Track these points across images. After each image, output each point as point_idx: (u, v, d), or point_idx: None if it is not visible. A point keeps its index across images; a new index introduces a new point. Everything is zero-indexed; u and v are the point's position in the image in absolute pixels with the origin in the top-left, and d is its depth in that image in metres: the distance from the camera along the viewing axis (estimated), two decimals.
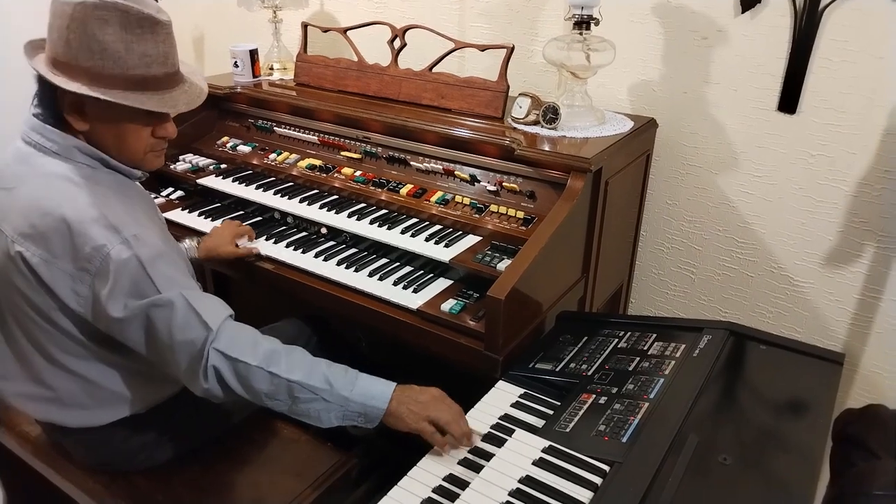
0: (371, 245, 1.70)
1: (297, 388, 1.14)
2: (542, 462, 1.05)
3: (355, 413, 1.17)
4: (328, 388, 1.15)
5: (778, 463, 1.03)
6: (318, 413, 1.17)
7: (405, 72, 1.92)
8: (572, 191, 1.50)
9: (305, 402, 1.16)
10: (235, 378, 1.14)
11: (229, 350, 1.13)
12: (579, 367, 1.31)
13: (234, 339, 1.15)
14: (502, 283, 1.34)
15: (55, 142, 1.20)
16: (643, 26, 1.83)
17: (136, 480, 1.39)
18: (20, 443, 1.52)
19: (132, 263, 1.12)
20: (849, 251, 1.72)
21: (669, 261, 2.04)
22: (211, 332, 1.13)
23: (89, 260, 1.13)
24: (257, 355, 1.14)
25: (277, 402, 1.17)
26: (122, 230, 1.13)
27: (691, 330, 1.35)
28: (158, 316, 1.13)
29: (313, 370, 1.16)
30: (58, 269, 1.14)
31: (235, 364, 1.14)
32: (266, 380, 1.14)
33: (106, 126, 1.21)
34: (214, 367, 1.13)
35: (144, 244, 1.14)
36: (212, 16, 2.83)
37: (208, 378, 1.14)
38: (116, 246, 1.12)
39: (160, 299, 1.13)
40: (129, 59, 1.15)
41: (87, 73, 1.14)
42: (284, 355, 1.17)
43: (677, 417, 1.09)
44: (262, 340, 1.18)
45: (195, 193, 2.03)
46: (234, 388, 1.15)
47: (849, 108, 1.61)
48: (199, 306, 1.14)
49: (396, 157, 1.85)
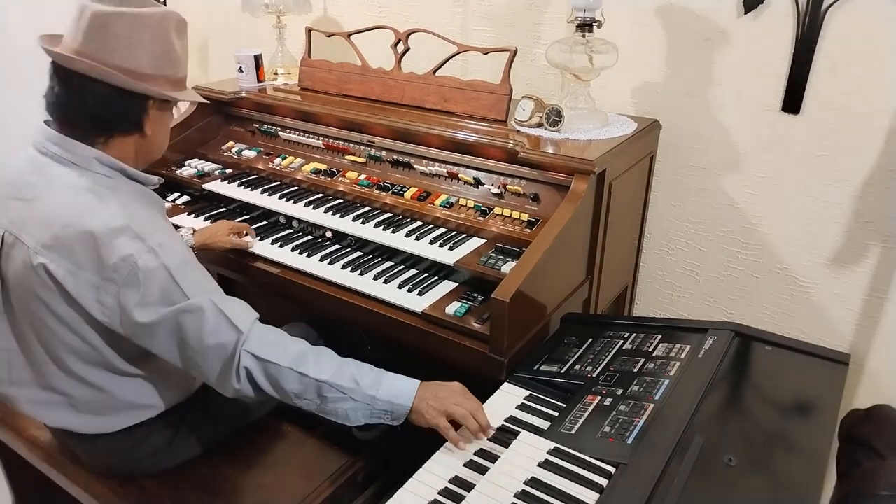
0: (376, 248, 1.71)
1: (325, 387, 1.17)
2: (548, 464, 1.05)
3: (382, 411, 1.20)
4: (356, 387, 1.18)
5: (784, 464, 1.03)
6: (346, 412, 1.19)
7: (408, 76, 1.93)
8: (576, 193, 1.51)
9: (334, 402, 1.18)
10: (266, 379, 1.18)
11: (260, 352, 1.16)
12: (584, 368, 1.31)
13: (264, 341, 1.18)
14: (507, 286, 1.35)
15: (74, 153, 1.20)
16: (646, 28, 1.83)
17: (145, 484, 1.40)
18: (29, 447, 1.53)
19: (160, 272, 1.14)
20: (854, 252, 1.72)
21: (674, 262, 2.04)
22: (241, 335, 1.16)
23: (116, 270, 1.13)
24: (287, 356, 1.17)
25: (307, 401, 1.20)
26: (148, 239, 1.14)
27: (696, 331, 1.35)
28: (188, 321, 1.15)
29: (341, 370, 1.19)
30: (83, 280, 1.15)
31: (266, 365, 1.17)
32: (296, 380, 1.17)
33: (161, 126, 1.30)
34: (246, 369, 1.16)
35: (170, 252, 1.16)
36: (216, 21, 2.85)
37: (240, 379, 1.17)
38: (144, 255, 1.13)
39: (190, 305, 1.14)
40: (184, 62, 1.29)
41: (168, 80, 1.25)
42: (313, 356, 1.20)
43: (682, 419, 1.09)
44: (290, 342, 1.21)
45: (201, 198, 2.04)
46: (265, 388, 1.18)
47: (853, 108, 1.61)
48: (227, 310, 1.17)
49: (400, 160, 1.85)
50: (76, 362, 1.25)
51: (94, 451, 1.39)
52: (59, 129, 1.21)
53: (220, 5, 2.77)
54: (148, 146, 1.29)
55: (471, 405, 1.18)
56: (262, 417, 1.54)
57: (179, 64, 1.28)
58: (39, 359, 1.28)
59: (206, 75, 2.99)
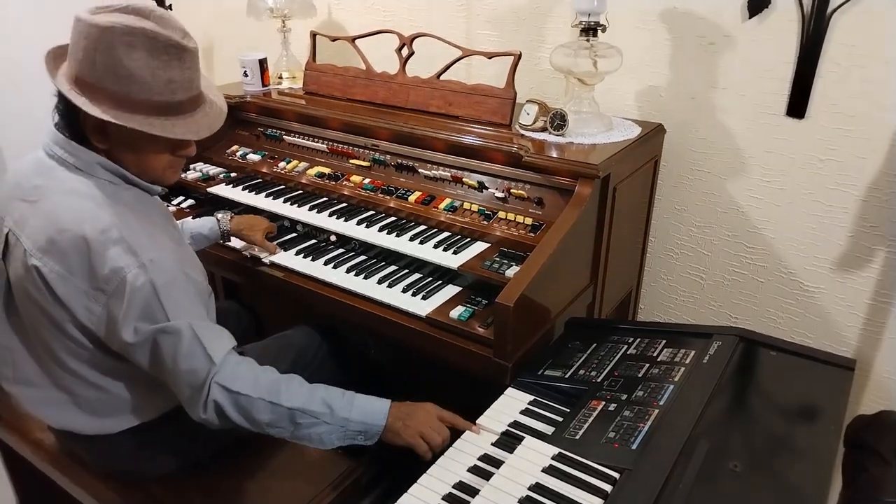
0: (380, 252, 1.71)
1: (298, 414, 1.18)
2: (552, 469, 1.05)
3: (355, 432, 1.21)
4: (328, 411, 1.19)
5: (790, 470, 1.02)
6: (321, 436, 1.20)
7: (413, 80, 1.93)
8: (580, 197, 1.51)
9: (307, 427, 1.19)
10: (236, 410, 1.17)
11: (231, 384, 1.16)
12: (588, 373, 1.31)
13: (236, 373, 1.17)
14: (511, 290, 1.34)
15: (78, 157, 1.21)
16: (650, 32, 1.83)
17: (149, 487, 1.40)
18: (33, 450, 1.54)
19: (146, 289, 1.14)
20: (859, 256, 1.72)
21: (678, 266, 2.04)
22: (214, 366, 1.15)
23: (106, 281, 1.14)
24: (258, 387, 1.17)
25: (279, 429, 1.20)
26: (141, 254, 1.14)
27: (701, 336, 1.35)
28: (165, 342, 1.15)
29: (312, 396, 1.20)
30: (73, 285, 1.16)
31: (237, 397, 1.16)
32: (268, 410, 1.17)
33: (126, 148, 1.22)
34: (215, 402, 1.16)
35: (159, 269, 1.16)
36: (221, 25, 2.86)
37: (207, 410, 1.17)
38: (133, 270, 1.13)
39: (169, 326, 1.15)
40: (154, 85, 1.15)
41: (111, 96, 1.14)
42: (284, 384, 1.20)
43: (687, 424, 1.08)
44: (261, 373, 1.21)
45: (205, 202, 2.05)
46: (235, 420, 1.18)
47: (858, 112, 1.61)
48: (204, 337, 1.16)
49: (405, 164, 1.86)
50: (74, 361, 1.25)
51: (97, 453, 1.40)
52: (66, 133, 1.22)
53: (225, 9, 2.79)
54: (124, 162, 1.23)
55: (444, 432, 1.22)
56: None
57: (132, 81, 1.13)
58: (42, 358, 1.29)
59: (211, 78, 3.00)
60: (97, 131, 1.19)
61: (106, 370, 1.27)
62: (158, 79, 1.15)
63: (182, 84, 1.19)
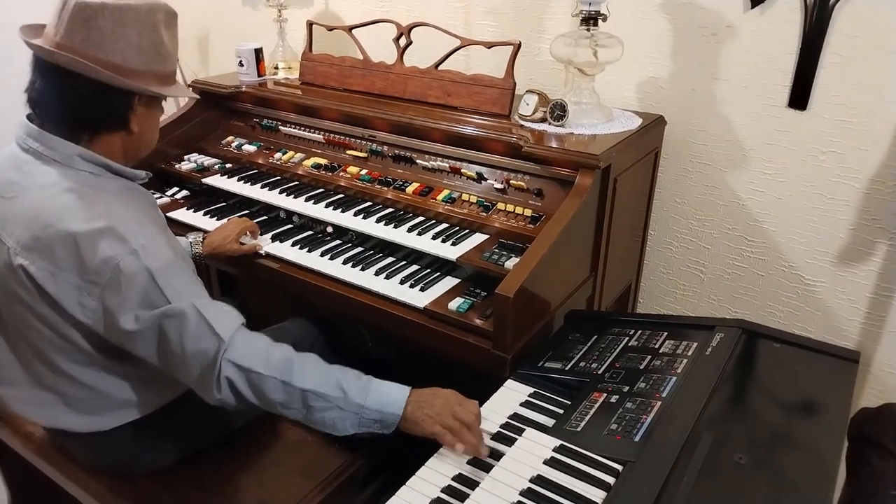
0: (377, 244, 1.68)
1: (311, 396, 1.13)
2: (554, 461, 1.03)
3: (371, 420, 1.15)
4: (342, 395, 1.13)
5: (795, 462, 1.01)
6: (334, 421, 1.15)
7: (411, 70, 1.91)
8: (581, 188, 1.49)
9: (320, 411, 1.14)
10: (249, 388, 1.13)
11: (242, 360, 1.12)
12: (589, 365, 1.29)
13: (247, 349, 1.13)
14: (511, 281, 1.33)
15: (56, 150, 1.17)
16: (651, 22, 1.81)
17: (141, 482, 1.38)
18: (24, 443, 1.51)
19: (142, 275, 1.10)
20: (861, 249, 1.70)
21: (678, 260, 2.02)
22: (223, 343, 1.11)
23: (98, 272, 1.10)
24: (270, 365, 1.13)
25: (292, 410, 1.15)
26: (131, 241, 1.11)
27: (703, 328, 1.33)
28: (170, 326, 1.12)
29: (327, 378, 1.15)
30: (64, 281, 1.12)
31: (249, 374, 1.12)
32: (280, 389, 1.13)
33: (149, 123, 1.26)
34: (228, 378, 1.12)
35: (153, 254, 1.12)
36: (216, 15, 2.83)
37: (221, 389, 1.13)
38: (126, 257, 1.10)
39: (171, 310, 1.11)
40: (174, 56, 1.25)
41: (155, 76, 1.21)
42: (298, 363, 1.15)
43: (691, 416, 1.07)
44: (274, 349, 1.16)
45: (200, 193, 2.02)
46: (248, 398, 1.14)
47: (860, 103, 1.59)
48: (210, 316, 1.12)
49: (402, 155, 1.83)
50: (64, 361, 1.22)
51: (89, 450, 1.37)
52: (42, 124, 1.18)
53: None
54: (136, 143, 1.26)
55: (468, 417, 1.12)
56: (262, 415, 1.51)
57: (168, 59, 1.24)
58: (28, 359, 1.26)
59: (207, 69, 2.97)
60: (134, 116, 1.21)
61: (100, 369, 1.24)
62: (175, 50, 1.26)
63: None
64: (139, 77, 1.18)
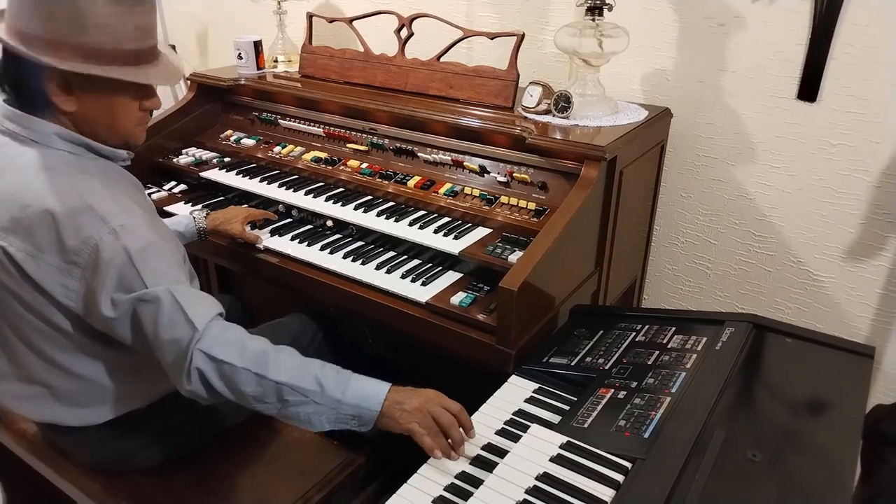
0: (378, 238, 1.65)
1: (286, 390, 1.07)
2: (560, 458, 0.99)
3: (348, 416, 1.10)
4: (318, 389, 1.08)
5: (810, 458, 0.98)
6: (309, 416, 1.10)
7: (412, 62, 1.88)
8: (587, 179, 1.46)
9: (295, 406, 1.09)
10: (221, 380, 1.08)
11: (214, 351, 1.07)
12: (596, 361, 1.26)
13: (220, 340, 1.08)
14: (515, 274, 1.29)
15: (32, 129, 1.13)
16: (657, 13, 1.78)
17: (137, 480, 1.34)
18: (18, 440, 1.48)
19: (120, 255, 1.07)
20: (871, 244, 1.67)
21: (684, 255, 1.99)
22: (196, 332, 1.06)
23: (77, 252, 1.07)
24: (244, 357, 1.08)
25: (266, 404, 1.10)
26: (110, 220, 1.07)
27: (712, 323, 1.30)
28: (144, 311, 1.08)
29: (303, 371, 1.10)
30: (45, 263, 1.09)
31: (220, 365, 1.07)
32: (253, 382, 1.07)
33: (97, 105, 1.15)
34: (198, 370, 1.07)
35: (132, 234, 1.08)
36: (216, 7, 2.79)
37: (191, 380, 1.08)
38: (105, 237, 1.06)
39: (147, 294, 1.07)
40: (124, 32, 1.10)
41: (78, 49, 1.07)
42: (273, 356, 1.10)
43: (702, 412, 1.03)
44: (249, 341, 1.11)
45: (198, 187, 1.99)
46: (220, 391, 1.09)
47: (871, 95, 1.56)
48: (186, 303, 1.08)
49: (404, 148, 1.80)
50: (52, 349, 1.19)
51: (82, 446, 1.33)
52: (16, 104, 1.14)
53: None
54: (88, 125, 1.16)
55: (445, 418, 1.07)
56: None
57: (101, 31, 1.07)
58: (16, 349, 1.22)
59: (206, 62, 2.94)
60: (63, 93, 1.11)
61: (89, 356, 1.21)
62: (126, 25, 1.10)
63: (146, 30, 1.14)
64: (51, 48, 1.06)
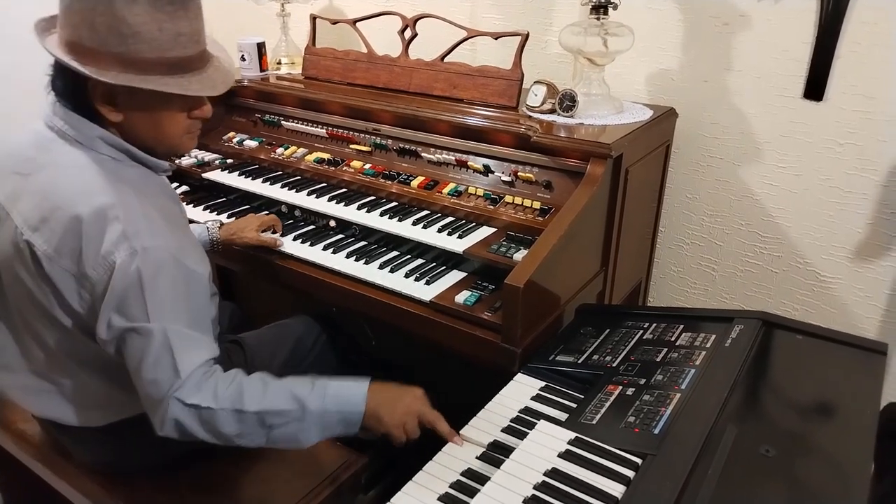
0: (381, 237, 1.64)
1: (267, 416, 1.07)
2: (569, 454, 0.97)
3: (334, 423, 1.10)
4: (298, 407, 1.07)
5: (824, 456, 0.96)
6: (296, 434, 1.09)
7: (416, 62, 1.87)
8: (592, 177, 1.44)
9: (280, 427, 1.08)
10: (201, 426, 1.06)
11: (191, 398, 1.05)
12: (603, 358, 1.24)
13: (199, 386, 1.06)
14: (520, 272, 1.28)
15: (79, 130, 1.11)
16: (661, 12, 1.77)
17: (135, 480, 1.32)
18: (16, 441, 1.46)
19: (132, 278, 1.04)
20: (879, 244, 1.65)
21: (689, 257, 1.97)
22: (178, 380, 1.04)
23: (94, 267, 1.05)
24: (219, 398, 1.06)
25: (251, 437, 1.09)
26: (133, 239, 1.04)
27: (721, 320, 1.28)
28: (133, 343, 1.05)
29: (279, 393, 1.09)
30: (60, 267, 1.07)
31: (199, 412, 1.05)
32: (233, 420, 1.06)
33: (141, 114, 1.12)
34: (175, 420, 1.05)
35: (151, 258, 1.05)
36: (219, 9, 2.77)
37: (164, 427, 1.06)
38: (124, 257, 1.03)
39: (141, 328, 1.04)
40: (163, 40, 1.06)
41: (118, 59, 1.04)
42: (246, 387, 1.08)
43: (713, 408, 1.01)
44: (222, 382, 1.08)
45: (200, 188, 1.98)
46: (199, 436, 1.07)
47: (879, 93, 1.55)
48: (176, 347, 1.05)
49: (407, 148, 1.79)
50: (59, 350, 1.17)
51: (83, 445, 1.32)
52: (69, 105, 1.12)
53: None
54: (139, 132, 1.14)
55: (430, 418, 1.11)
56: None
57: (140, 39, 1.04)
58: (26, 344, 1.21)
59: None
60: (107, 101, 1.10)
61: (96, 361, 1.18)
62: (167, 33, 1.06)
63: (191, 37, 1.10)
64: (93, 58, 1.05)
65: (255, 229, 1.64)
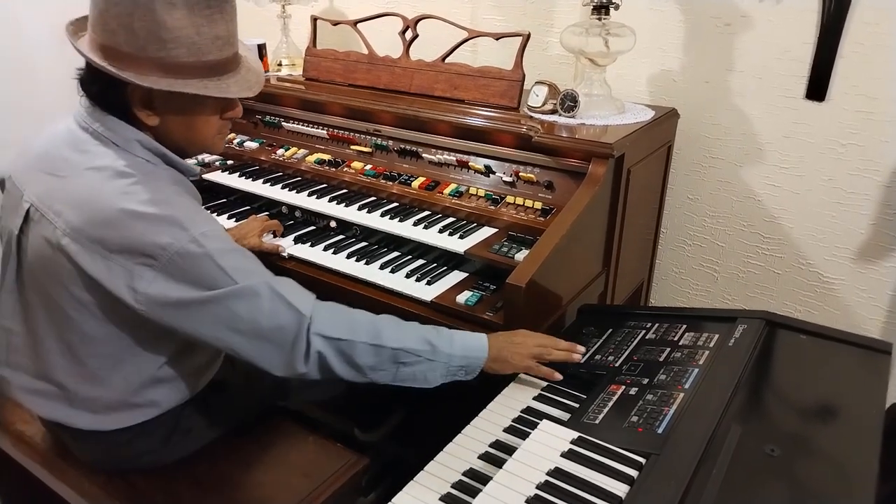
0: (382, 238, 1.63)
1: (401, 354, 1.14)
2: (572, 454, 0.96)
3: (457, 367, 1.18)
4: (430, 348, 1.15)
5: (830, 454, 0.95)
6: (424, 374, 1.16)
7: (417, 63, 1.87)
8: (594, 177, 1.44)
9: (410, 366, 1.15)
10: (339, 357, 1.11)
11: (329, 331, 1.10)
12: (605, 358, 1.23)
13: (332, 320, 1.12)
14: (522, 271, 1.28)
15: (116, 133, 1.11)
16: (663, 13, 1.77)
17: (136, 481, 1.31)
18: (15, 443, 1.45)
19: (205, 260, 1.04)
20: (882, 245, 1.65)
21: (691, 258, 1.96)
22: (305, 318, 1.08)
23: (155, 257, 1.04)
24: (359, 331, 1.12)
25: (382, 372, 1.15)
26: (191, 228, 1.04)
27: (724, 320, 1.27)
28: (240, 306, 1.06)
29: (413, 334, 1.16)
30: (115, 264, 1.05)
31: (339, 343, 1.11)
32: (370, 353, 1.12)
33: (176, 117, 1.13)
34: (319, 353, 1.10)
35: (214, 239, 1.06)
36: None
37: (309, 363, 1.10)
38: (187, 245, 1.03)
39: (241, 290, 1.05)
40: (202, 44, 1.07)
41: (158, 64, 1.05)
42: (383, 325, 1.15)
43: (716, 408, 1.00)
44: (356, 315, 1.16)
45: (201, 190, 1.93)
46: (336, 369, 1.12)
47: (881, 94, 1.55)
48: (285, 293, 1.09)
49: (408, 149, 1.79)
50: (87, 354, 1.16)
51: (86, 446, 1.30)
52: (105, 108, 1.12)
53: None
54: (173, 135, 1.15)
55: (548, 340, 1.23)
56: (262, 413, 1.45)
57: (180, 44, 1.05)
58: (44, 346, 1.18)
59: None
60: (145, 105, 1.10)
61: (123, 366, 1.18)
62: (205, 36, 1.06)
63: (227, 39, 1.11)
64: (130, 63, 1.05)
65: (258, 235, 1.64)
